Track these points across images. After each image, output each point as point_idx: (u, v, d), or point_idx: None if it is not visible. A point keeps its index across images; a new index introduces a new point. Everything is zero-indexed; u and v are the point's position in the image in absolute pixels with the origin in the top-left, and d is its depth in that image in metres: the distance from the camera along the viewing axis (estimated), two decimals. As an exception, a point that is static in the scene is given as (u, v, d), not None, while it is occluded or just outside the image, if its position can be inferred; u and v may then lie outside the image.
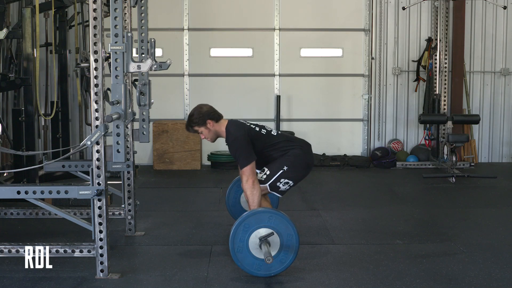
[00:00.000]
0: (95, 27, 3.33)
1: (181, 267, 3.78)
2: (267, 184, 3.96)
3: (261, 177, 3.98)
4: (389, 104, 8.43)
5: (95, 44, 3.34)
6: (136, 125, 4.45)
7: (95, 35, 3.34)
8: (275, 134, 4.11)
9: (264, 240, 3.52)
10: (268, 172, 3.98)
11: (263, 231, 3.54)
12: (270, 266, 3.56)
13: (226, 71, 8.24)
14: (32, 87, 5.59)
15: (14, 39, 6.28)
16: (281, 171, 3.95)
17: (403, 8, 8.07)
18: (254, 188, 3.82)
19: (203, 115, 3.99)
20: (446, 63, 7.98)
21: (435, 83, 7.86)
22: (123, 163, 4.15)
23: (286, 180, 3.97)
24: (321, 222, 4.96)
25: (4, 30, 4.49)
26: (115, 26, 3.34)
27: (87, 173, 4.15)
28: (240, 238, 3.55)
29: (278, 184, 3.96)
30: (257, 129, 4.08)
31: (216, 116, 4.03)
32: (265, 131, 4.09)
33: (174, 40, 8.17)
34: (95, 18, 3.33)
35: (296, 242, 3.56)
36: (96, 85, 3.37)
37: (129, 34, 3.46)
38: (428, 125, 7.94)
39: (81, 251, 3.54)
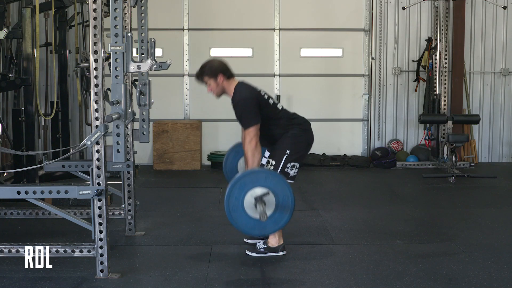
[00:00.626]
0: (95, 27, 3.33)
1: (181, 267, 3.78)
2: None
3: (268, 168, 3.98)
4: (389, 104, 8.43)
5: (95, 44, 3.34)
6: (136, 125, 4.45)
7: (95, 35, 3.34)
8: (280, 108, 4.10)
9: (259, 199, 3.49)
10: (273, 163, 3.98)
11: (259, 191, 3.52)
12: (265, 226, 3.54)
13: (226, 71, 8.23)
14: (32, 87, 5.59)
15: (14, 39, 6.27)
16: (285, 156, 3.96)
17: (403, 8, 8.07)
18: (256, 150, 3.83)
19: (216, 67, 3.98)
20: (446, 63, 7.98)
21: (435, 83, 7.86)
22: (123, 163, 4.15)
23: (292, 163, 3.98)
24: (321, 222, 4.96)
25: (4, 30, 4.49)
26: (115, 26, 3.34)
27: (87, 173, 4.14)
28: (235, 197, 3.51)
29: (286, 170, 3.96)
30: (266, 97, 4.06)
31: (228, 72, 4.01)
32: (272, 102, 4.08)
33: (174, 40, 8.17)
34: (95, 18, 3.33)
35: (291, 203, 3.54)
36: (96, 85, 3.37)
37: (129, 34, 3.45)
38: (428, 125, 7.95)
39: (81, 251, 3.54)
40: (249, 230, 3.57)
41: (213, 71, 3.97)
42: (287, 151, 3.96)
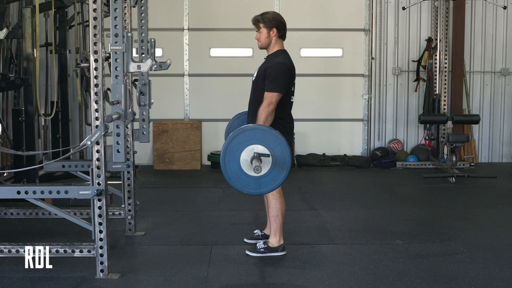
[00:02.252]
0: (95, 27, 3.34)
1: (181, 267, 3.78)
2: None
3: None
4: (389, 104, 8.43)
5: (95, 44, 3.34)
6: (136, 125, 4.45)
7: (95, 35, 3.34)
8: (291, 100, 4.06)
9: (257, 157, 3.40)
10: None
11: (261, 149, 3.42)
12: (248, 184, 3.45)
13: (226, 71, 8.24)
14: (32, 87, 5.59)
15: (14, 39, 6.28)
16: None
17: (403, 8, 8.07)
18: (271, 116, 3.80)
19: (275, 20, 4.02)
20: (446, 63, 7.98)
21: (435, 83, 7.86)
22: (123, 163, 4.15)
23: None
24: (321, 222, 4.96)
25: (4, 30, 4.49)
26: (115, 26, 3.34)
27: (87, 173, 4.14)
28: (238, 142, 3.41)
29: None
30: (293, 80, 4.02)
31: (283, 31, 4.03)
32: (293, 90, 4.04)
33: (174, 40, 8.17)
34: (95, 18, 3.33)
35: (288, 162, 3.44)
36: (96, 85, 3.37)
37: (129, 34, 3.46)
38: (428, 125, 7.95)
39: (81, 251, 3.54)
40: (233, 179, 3.44)
41: (271, 21, 4.01)
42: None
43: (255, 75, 4.04)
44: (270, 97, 3.81)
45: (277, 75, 3.84)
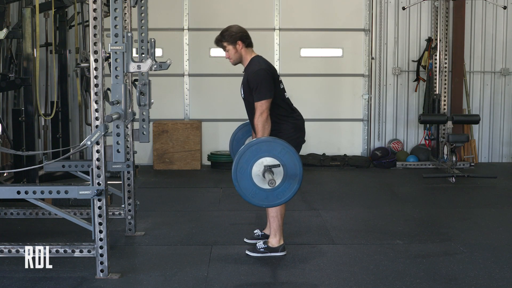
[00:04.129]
0: (95, 27, 3.34)
1: (181, 267, 3.78)
2: None
3: None
4: (389, 104, 8.43)
5: (95, 44, 3.34)
6: (136, 125, 4.45)
7: (95, 35, 3.34)
8: (286, 96, 4.07)
9: (268, 169, 3.44)
10: None
11: (270, 160, 3.46)
12: (265, 197, 3.49)
13: (226, 71, 8.22)
14: (32, 87, 5.59)
15: (14, 39, 6.28)
16: None
17: (403, 8, 8.07)
18: (267, 123, 3.82)
19: (236, 33, 3.98)
20: (446, 63, 7.98)
21: (435, 83, 7.86)
22: (123, 163, 4.15)
23: None
24: (321, 222, 4.96)
25: (4, 30, 4.49)
26: (115, 26, 3.34)
27: (87, 173, 4.15)
28: (246, 159, 3.45)
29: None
30: (280, 79, 4.05)
31: (247, 41, 4.01)
32: (282, 87, 4.06)
33: (174, 40, 8.17)
34: (95, 18, 3.33)
35: (299, 173, 3.49)
36: (96, 85, 3.37)
37: (129, 34, 3.46)
38: (428, 125, 7.95)
39: (81, 251, 3.54)
40: (250, 196, 3.48)
41: (232, 37, 3.97)
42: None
43: (242, 92, 4.05)
44: (260, 106, 3.83)
45: (259, 82, 3.85)
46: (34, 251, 3.55)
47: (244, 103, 4.06)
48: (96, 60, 3.35)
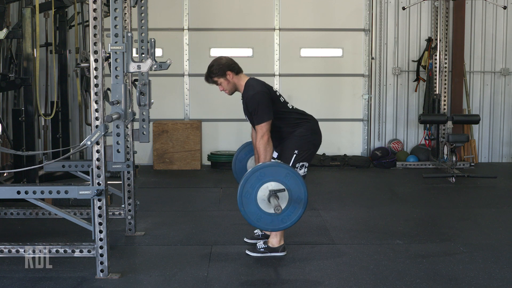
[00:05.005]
0: (95, 27, 3.34)
1: (181, 267, 3.78)
2: None
3: None
4: (389, 104, 8.43)
5: (95, 44, 3.34)
6: (136, 125, 4.45)
7: (95, 35, 3.34)
8: (290, 107, 4.10)
9: (274, 193, 3.47)
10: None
11: (275, 185, 3.50)
12: (270, 221, 3.54)
13: (226, 71, 8.23)
14: (32, 87, 5.60)
15: (14, 39, 6.28)
16: (294, 156, 3.96)
17: (403, 8, 8.07)
18: (268, 145, 3.84)
19: (223, 65, 3.99)
20: (446, 63, 7.98)
21: (435, 83, 7.86)
22: (123, 163, 4.16)
23: (302, 163, 3.98)
24: (321, 222, 4.96)
25: (4, 30, 4.49)
26: (115, 26, 3.34)
27: (87, 173, 4.15)
28: (251, 184, 3.50)
29: (295, 170, 3.96)
30: (277, 93, 4.09)
31: (236, 68, 4.03)
32: (283, 100, 4.09)
33: (174, 40, 8.17)
34: (95, 18, 3.33)
35: (304, 199, 3.52)
36: (96, 85, 3.37)
37: (129, 34, 3.46)
38: (428, 125, 7.95)
39: (81, 251, 3.54)
40: (255, 220, 3.53)
41: (221, 69, 3.98)
42: (296, 151, 3.96)
43: (246, 116, 4.09)
44: (260, 129, 3.86)
45: (257, 106, 3.88)
46: (34, 251, 3.55)
47: (251, 125, 4.11)
48: (96, 60, 3.35)
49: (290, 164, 3.94)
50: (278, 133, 4.02)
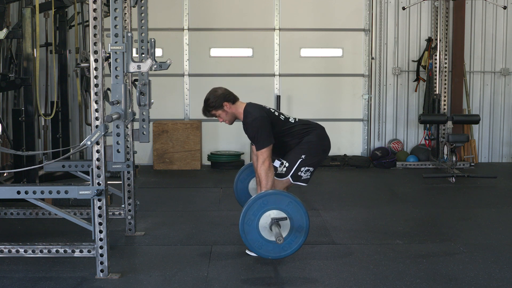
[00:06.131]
0: (95, 27, 3.34)
1: (181, 267, 3.78)
2: (289, 176, 4.02)
3: (281, 170, 4.01)
4: (389, 104, 8.43)
5: (95, 44, 3.34)
6: (136, 125, 4.45)
7: (95, 35, 3.34)
8: (292, 121, 4.13)
9: (275, 222, 3.51)
10: (287, 165, 4.01)
11: (277, 213, 3.54)
12: (272, 249, 3.58)
13: (226, 71, 8.24)
14: (32, 87, 5.59)
15: (14, 39, 6.28)
16: (300, 160, 4.00)
17: (403, 8, 8.07)
18: (269, 171, 3.86)
19: (219, 97, 4.00)
20: (446, 63, 7.98)
21: (435, 83, 7.86)
22: (123, 163, 4.16)
23: (307, 168, 4.02)
24: (321, 222, 4.96)
25: (4, 30, 4.49)
26: (115, 26, 3.34)
27: (87, 173, 4.15)
28: (254, 212, 3.54)
29: (299, 173, 4.01)
30: (276, 113, 4.10)
31: (232, 97, 4.04)
32: (283, 117, 4.11)
33: (174, 40, 8.17)
34: (95, 18, 3.33)
35: (306, 227, 3.56)
36: (96, 85, 3.37)
37: (129, 34, 3.46)
38: (428, 125, 7.95)
39: (81, 251, 3.54)
40: (256, 248, 3.61)
41: (217, 102, 4.00)
42: (303, 156, 3.99)
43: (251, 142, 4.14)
44: (261, 155, 3.89)
45: (256, 132, 3.92)
46: (34, 251, 3.55)
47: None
48: (96, 60, 3.35)
49: (295, 167, 3.96)
50: (285, 147, 4.05)
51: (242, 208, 3.68)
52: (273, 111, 4.12)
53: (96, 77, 3.36)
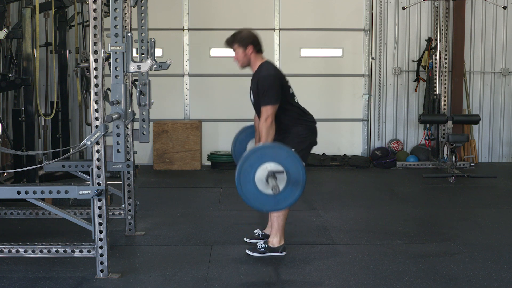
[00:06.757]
0: (95, 27, 3.34)
1: (181, 267, 3.78)
2: None
3: None
4: (389, 104, 8.43)
5: (95, 44, 3.34)
6: (136, 125, 4.45)
7: (95, 35, 3.34)
8: (296, 100, 4.12)
9: (272, 174, 3.45)
10: None
11: (274, 166, 3.47)
12: (267, 202, 3.51)
13: (226, 71, 8.23)
14: (32, 87, 5.59)
15: (14, 39, 6.28)
16: None
17: (403, 8, 8.07)
18: (271, 128, 3.83)
19: (248, 37, 4.03)
20: (446, 63, 7.98)
21: (435, 83, 7.86)
22: (123, 163, 4.16)
23: None
24: (321, 222, 4.96)
25: (4, 30, 4.49)
26: (115, 26, 3.34)
27: (87, 173, 4.14)
28: (251, 164, 3.47)
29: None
30: (289, 84, 4.08)
31: (259, 47, 4.04)
32: (292, 91, 4.10)
33: (174, 40, 8.17)
34: (95, 18, 3.33)
35: (302, 179, 3.51)
36: (96, 85, 3.37)
37: (129, 34, 3.46)
38: (428, 125, 7.95)
39: (81, 251, 3.54)
40: (251, 199, 3.49)
41: (244, 40, 4.02)
42: (292, 149, 3.96)
43: (252, 98, 4.08)
44: (265, 111, 3.85)
45: (267, 88, 3.88)
46: (34, 251, 3.55)
47: (255, 108, 4.10)
48: (96, 60, 3.35)
49: None
50: (278, 125, 4.00)
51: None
52: (286, 80, 4.09)
53: (96, 77, 3.36)
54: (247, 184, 3.48)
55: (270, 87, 3.87)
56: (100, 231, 3.47)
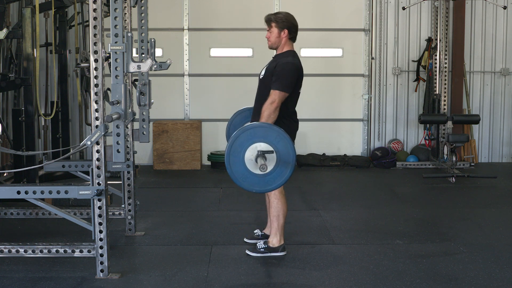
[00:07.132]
0: (95, 27, 3.34)
1: (181, 267, 3.78)
2: None
3: None
4: (389, 104, 8.43)
5: (95, 44, 3.34)
6: (136, 125, 4.45)
7: (95, 35, 3.34)
8: (295, 101, 4.08)
9: (261, 154, 3.41)
10: None
11: (264, 146, 3.43)
12: (257, 182, 3.46)
13: (226, 71, 8.24)
14: (32, 87, 5.59)
15: (14, 39, 6.28)
16: None
17: (403, 8, 8.07)
18: (274, 113, 3.78)
19: (288, 22, 4.02)
20: (446, 63, 7.98)
21: (435, 83, 7.86)
22: (123, 163, 4.16)
23: None
24: (321, 222, 4.96)
25: (4, 30, 4.49)
26: (115, 26, 3.34)
27: (87, 173, 4.15)
28: (240, 143, 3.43)
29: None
30: (301, 84, 4.06)
31: (294, 34, 4.05)
32: (299, 92, 4.07)
33: (174, 40, 8.17)
34: (95, 18, 3.33)
35: (292, 160, 3.45)
36: (96, 85, 3.37)
37: (129, 34, 3.46)
38: (428, 125, 7.95)
39: (81, 251, 3.54)
40: (240, 179, 3.44)
41: (284, 22, 4.00)
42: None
43: (263, 73, 4.05)
44: (274, 95, 3.81)
45: (285, 74, 3.85)
46: (34, 251, 3.55)
47: (258, 86, 4.06)
48: (96, 60, 3.35)
49: None
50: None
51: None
52: (302, 80, 4.06)
53: (96, 77, 3.36)
54: (237, 164, 3.44)
55: (288, 74, 3.85)
56: (100, 231, 3.47)
